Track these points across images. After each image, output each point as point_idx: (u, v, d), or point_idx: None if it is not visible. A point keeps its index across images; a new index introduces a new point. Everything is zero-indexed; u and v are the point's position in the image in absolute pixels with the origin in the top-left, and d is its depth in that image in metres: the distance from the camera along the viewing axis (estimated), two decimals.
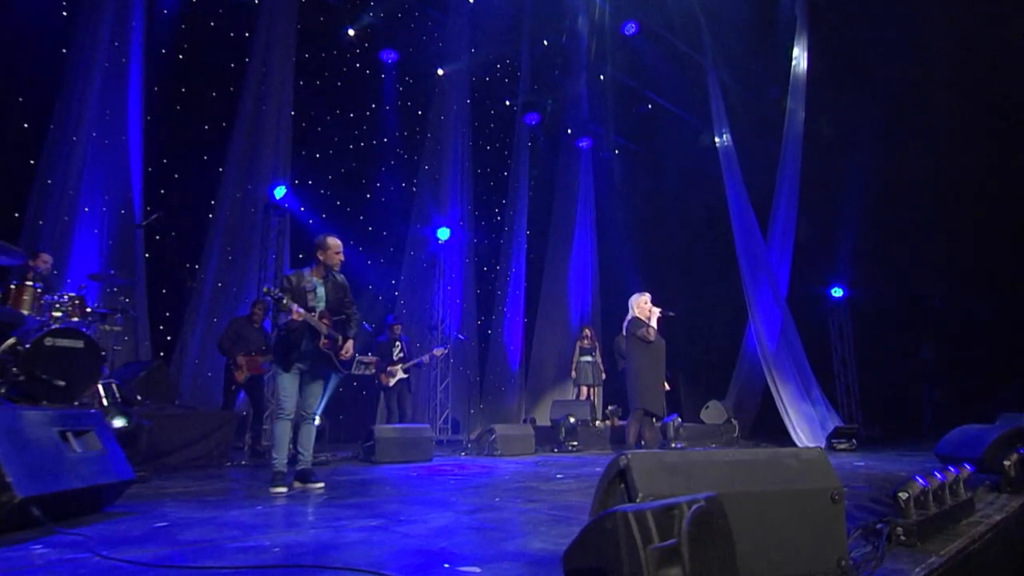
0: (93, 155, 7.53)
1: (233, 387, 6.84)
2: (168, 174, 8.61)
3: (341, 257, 4.67)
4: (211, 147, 8.86)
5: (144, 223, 6.69)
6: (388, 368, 8.15)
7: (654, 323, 6.08)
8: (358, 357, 7.85)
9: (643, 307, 6.14)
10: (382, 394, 8.30)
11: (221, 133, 8.92)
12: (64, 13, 7.86)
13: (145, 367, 6.16)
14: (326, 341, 4.47)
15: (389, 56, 9.97)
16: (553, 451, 8.39)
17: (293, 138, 9.48)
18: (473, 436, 8.69)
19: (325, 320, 4.51)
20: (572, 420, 8.47)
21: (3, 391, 4.16)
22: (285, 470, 4.42)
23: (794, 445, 9.20)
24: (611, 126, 12.82)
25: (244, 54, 9.14)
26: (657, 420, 6.71)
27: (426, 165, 11.23)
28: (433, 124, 11.25)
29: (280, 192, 8.57)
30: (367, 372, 7.98)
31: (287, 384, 4.44)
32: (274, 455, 4.44)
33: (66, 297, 5.05)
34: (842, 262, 11.47)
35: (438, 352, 8.50)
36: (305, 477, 4.53)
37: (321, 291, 4.57)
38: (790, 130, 11.42)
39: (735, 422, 10.33)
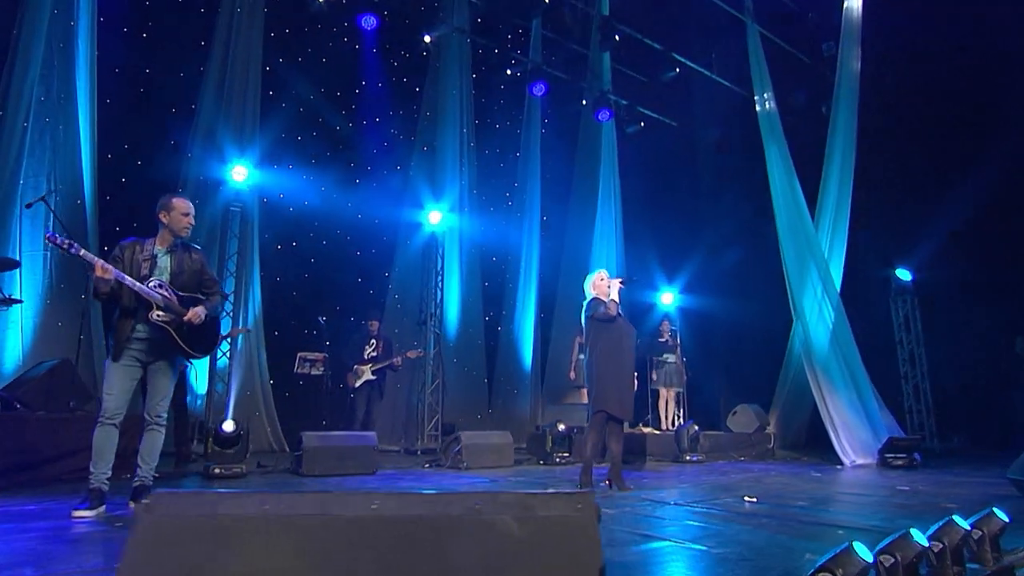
0: (35, 141, 7.08)
1: None
2: (131, 160, 8.11)
3: (190, 220, 3.89)
4: (177, 132, 8.29)
5: (28, 204, 6.09)
6: (355, 367, 7.26)
7: (615, 295, 4.83)
8: (302, 354, 7.02)
9: (599, 284, 4.90)
10: (349, 397, 7.41)
11: (187, 117, 8.35)
12: None
13: (48, 366, 5.53)
14: (160, 313, 3.63)
15: (369, 23, 9.05)
16: (540, 463, 7.27)
17: (270, 121, 8.80)
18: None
19: (162, 290, 3.69)
20: (562, 427, 7.29)
21: None
22: (103, 487, 3.55)
23: (840, 461, 7.67)
24: (635, 95, 11.43)
25: (211, 32, 8.52)
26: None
27: (424, 146, 10.31)
28: (430, 100, 10.31)
29: (240, 174, 7.84)
30: (314, 372, 7.10)
31: (113, 378, 3.60)
32: (90, 468, 3.57)
33: None
34: (909, 237, 9.55)
35: (411, 354, 7.51)
36: (136, 494, 3.67)
37: (165, 261, 3.79)
38: (842, 85, 9.73)
39: (771, 430, 8.78)
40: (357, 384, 7.16)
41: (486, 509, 1.07)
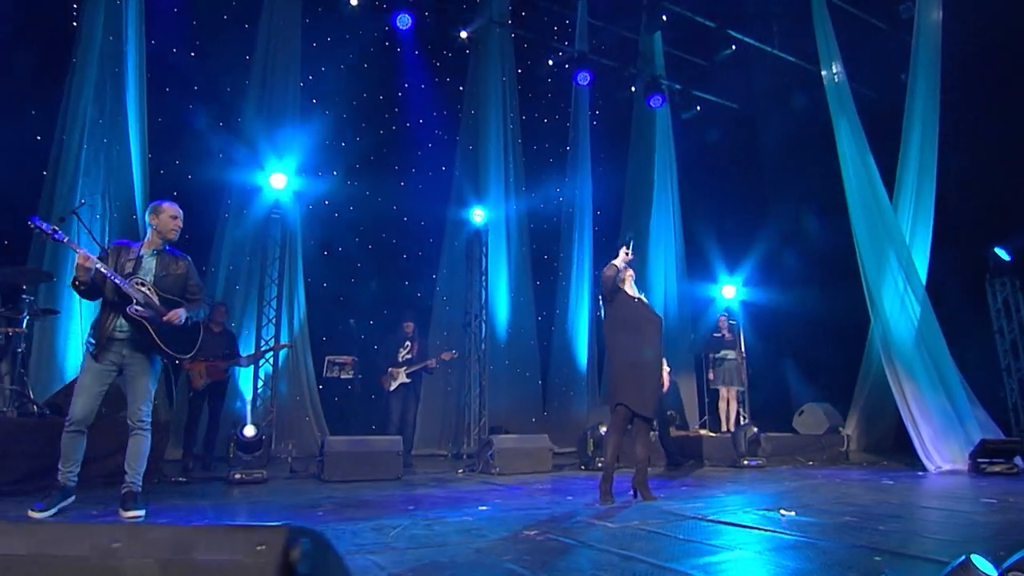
0: (91, 160, 7.44)
1: (191, 394, 6.27)
2: (182, 174, 8.40)
3: (178, 224, 3.93)
4: (224, 144, 8.51)
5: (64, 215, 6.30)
6: (389, 370, 7.16)
7: (618, 263, 4.37)
8: (330, 357, 6.97)
9: (612, 265, 4.42)
10: (384, 400, 7.30)
11: (234, 130, 8.56)
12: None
13: None
14: (139, 308, 3.62)
15: (404, 21, 8.96)
16: (582, 468, 6.90)
17: (313, 128, 8.88)
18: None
19: (144, 287, 3.70)
20: (604, 429, 6.87)
21: None
22: (68, 483, 3.61)
23: (923, 467, 6.85)
24: (690, 78, 10.79)
25: (252, 48, 8.71)
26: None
27: (469, 145, 10.14)
28: (472, 98, 10.14)
29: (279, 181, 7.94)
30: (344, 375, 7.03)
31: (86, 381, 3.65)
32: (59, 466, 3.62)
33: None
34: (1008, 211, 8.39)
35: (445, 356, 7.32)
36: (123, 501, 3.65)
37: (150, 263, 3.83)
38: (921, 46, 8.74)
39: (847, 432, 7.96)
40: (392, 387, 7.03)
41: (125, 548, 0.80)
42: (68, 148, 7.32)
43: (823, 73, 9.53)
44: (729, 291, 10.34)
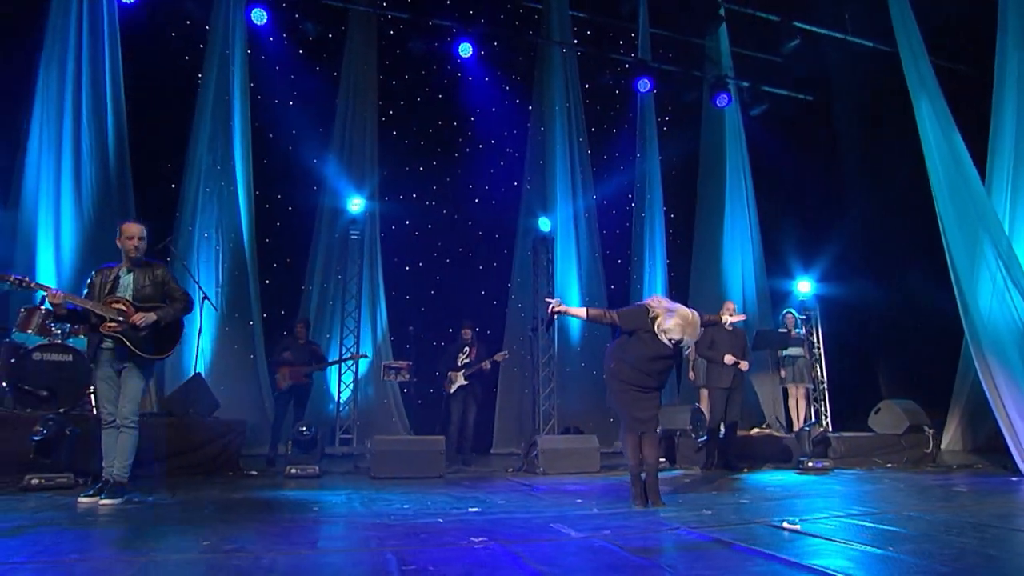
0: (206, 200, 8.86)
1: (275, 393, 7.32)
2: (284, 206, 9.68)
3: (135, 243, 4.31)
4: (318, 178, 9.67)
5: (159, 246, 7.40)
6: (448, 374, 7.85)
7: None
8: (386, 363, 7.72)
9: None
10: (444, 403, 7.98)
11: (325, 164, 9.72)
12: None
13: (186, 379, 6.86)
14: (112, 324, 4.13)
15: (465, 50, 9.72)
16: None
17: (392, 157, 9.94)
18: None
19: (118, 304, 4.19)
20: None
21: None
22: (109, 479, 4.17)
23: (1018, 470, 6.35)
24: (757, 74, 10.60)
25: (336, 91, 9.86)
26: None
27: (540, 160, 10.69)
28: (538, 115, 10.68)
29: (356, 205, 8.94)
30: (400, 379, 7.77)
31: (100, 388, 4.25)
32: (102, 463, 4.26)
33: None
34: None
35: (498, 357, 7.86)
36: (103, 490, 4.12)
37: (127, 280, 4.32)
38: (1009, 7, 8.08)
39: (931, 433, 7.46)
40: (452, 390, 7.70)
41: None
42: (188, 192, 8.79)
43: (900, 52, 9.05)
44: (804, 286, 9.98)
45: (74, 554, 2.62)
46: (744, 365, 6.71)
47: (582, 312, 4.42)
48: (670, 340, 4.12)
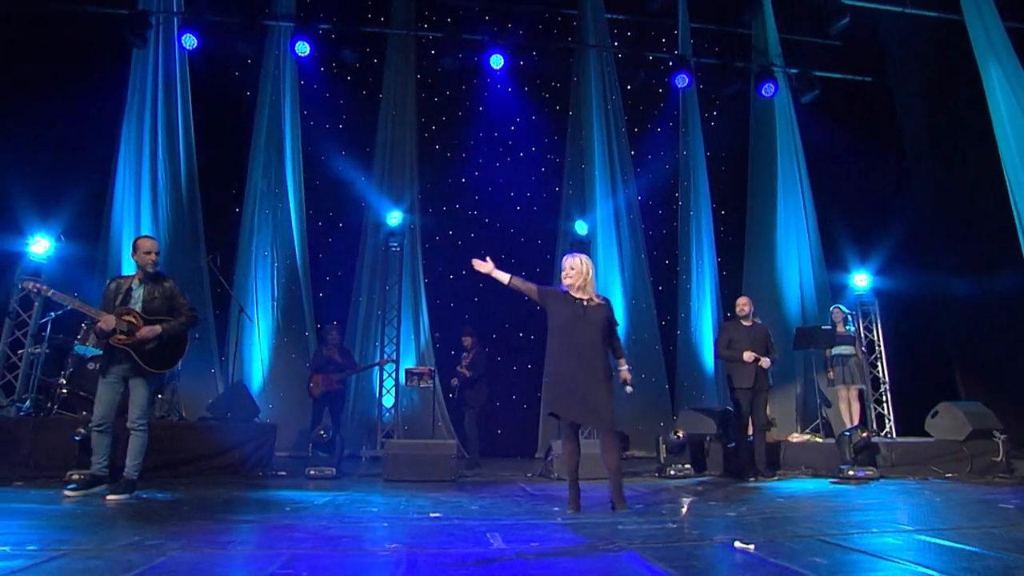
0: (262, 221, 9.60)
1: (312, 400, 7.77)
2: (334, 223, 10.28)
3: (151, 257, 4.62)
4: (365, 195, 10.20)
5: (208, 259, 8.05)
6: (453, 379, 8.20)
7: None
8: (408, 368, 8.00)
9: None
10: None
11: (371, 181, 10.22)
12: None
13: (229, 386, 7.44)
14: (121, 337, 4.40)
15: (497, 62, 9.90)
16: (656, 475, 6.86)
17: (432, 171, 10.32)
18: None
19: (128, 316, 4.46)
20: (679, 435, 6.82)
21: (55, 405, 5.76)
22: (100, 473, 4.45)
23: None
24: (806, 59, 10.00)
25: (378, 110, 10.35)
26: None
27: (582, 164, 10.68)
28: (577, 120, 10.69)
29: (395, 218, 9.35)
30: (424, 384, 8.02)
31: (100, 392, 4.47)
32: (91, 460, 4.52)
33: None
34: None
35: (462, 370, 8.11)
36: (117, 485, 4.40)
37: (139, 292, 4.59)
38: None
39: (1003, 439, 6.68)
40: (453, 394, 8.16)
41: None
42: (246, 214, 9.56)
43: (966, 18, 8.30)
44: (861, 279, 9.26)
45: None
46: (765, 362, 6.36)
47: (505, 278, 4.34)
48: (569, 287, 4.16)
